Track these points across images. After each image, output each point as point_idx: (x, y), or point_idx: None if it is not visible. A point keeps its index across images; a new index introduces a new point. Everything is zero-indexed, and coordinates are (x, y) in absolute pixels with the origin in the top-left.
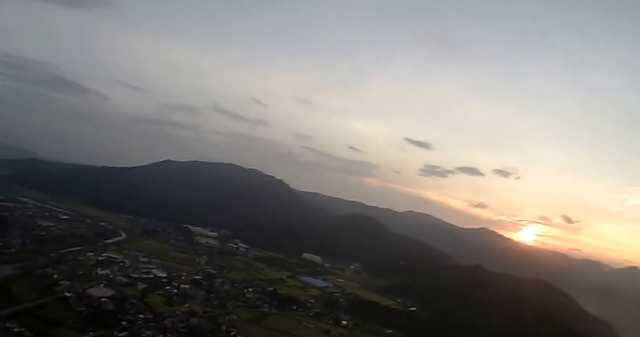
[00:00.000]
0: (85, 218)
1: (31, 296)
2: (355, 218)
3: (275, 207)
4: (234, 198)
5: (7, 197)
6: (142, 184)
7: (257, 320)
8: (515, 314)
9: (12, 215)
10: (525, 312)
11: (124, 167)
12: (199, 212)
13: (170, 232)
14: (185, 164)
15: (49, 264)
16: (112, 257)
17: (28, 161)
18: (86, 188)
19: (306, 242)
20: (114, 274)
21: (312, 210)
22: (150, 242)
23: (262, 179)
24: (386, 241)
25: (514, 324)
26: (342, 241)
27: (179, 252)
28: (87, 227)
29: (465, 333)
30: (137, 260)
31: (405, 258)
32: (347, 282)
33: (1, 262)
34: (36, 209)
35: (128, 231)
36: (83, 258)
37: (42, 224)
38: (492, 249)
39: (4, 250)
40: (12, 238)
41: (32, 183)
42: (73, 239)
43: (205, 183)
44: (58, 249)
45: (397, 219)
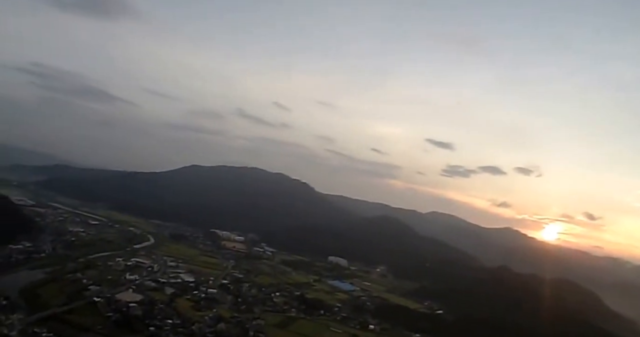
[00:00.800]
0: (114, 223)
1: (60, 301)
2: (381, 220)
3: (301, 211)
4: (259, 202)
5: (38, 202)
6: (169, 189)
7: (285, 325)
8: (543, 315)
9: (43, 220)
10: (552, 312)
11: (152, 172)
12: (226, 216)
13: (198, 237)
14: (211, 169)
15: (78, 269)
16: (141, 262)
17: (59, 167)
18: (115, 193)
19: (332, 245)
20: (143, 279)
21: (337, 213)
22: (178, 246)
23: (287, 182)
24: (411, 243)
25: (542, 325)
26: (368, 243)
27: (207, 256)
28: (116, 233)
29: (493, 336)
30: (165, 265)
31: (430, 260)
32: (374, 286)
33: (32, 267)
34: (67, 215)
35: (156, 236)
36: (112, 263)
37: (73, 229)
38: (517, 249)
39: (35, 255)
40: (43, 243)
41: (63, 189)
42: (102, 245)
43: (231, 187)
44: (87, 255)
45: (422, 220)
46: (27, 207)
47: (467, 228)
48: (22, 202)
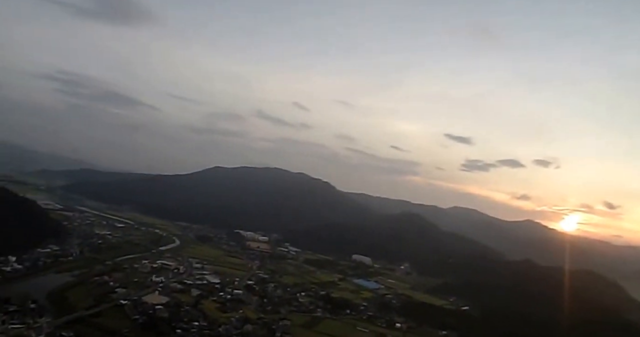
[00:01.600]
0: (140, 226)
1: (87, 304)
2: (403, 217)
3: (323, 210)
4: (282, 202)
5: (66, 206)
6: (193, 191)
7: (311, 325)
8: (569, 307)
9: (70, 224)
10: (578, 304)
11: (176, 175)
12: (249, 216)
13: (222, 238)
14: (233, 170)
15: (105, 271)
16: (167, 264)
17: (85, 172)
18: (141, 196)
19: (355, 244)
20: (169, 280)
21: (359, 211)
22: (203, 248)
23: (309, 182)
24: (434, 239)
25: (569, 318)
26: (391, 240)
27: (232, 257)
28: (142, 235)
29: (521, 330)
30: (190, 266)
31: (454, 256)
32: (398, 283)
33: (59, 271)
34: (94, 218)
35: (181, 238)
36: (138, 265)
37: (99, 232)
38: (538, 242)
39: (62, 258)
40: (70, 247)
41: (90, 192)
42: (129, 247)
43: (253, 188)
44: (114, 257)
45: (443, 215)
46: (54, 211)
47: (488, 222)
48: (50, 206)
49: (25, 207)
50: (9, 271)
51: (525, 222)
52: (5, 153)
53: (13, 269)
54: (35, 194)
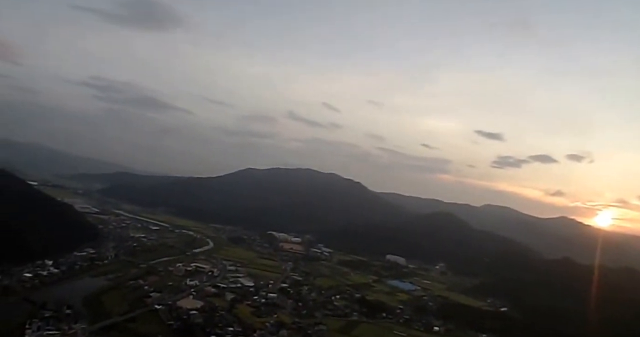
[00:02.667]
0: (174, 228)
1: (122, 309)
2: (436, 216)
3: (355, 210)
4: (314, 202)
5: (102, 210)
6: (226, 193)
7: (347, 330)
8: (612, 306)
9: (106, 227)
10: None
11: (209, 177)
12: (282, 217)
13: (255, 239)
14: (266, 172)
15: (140, 275)
16: (201, 267)
17: (122, 175)
18: (175, 199)
19: (389, 244)
20: (203, 284)
21: (391, 210)
22: (236, 249)
23: (341, 182)
24: (468, 238)
25: (613, 317)
26: (425, 240)
27: (265, 259)
28: (176, 237)
29: (564, 331)
30: (224, 269)
31: (489, 254)
32: (434, 284)
33: (95, 274)
34: (129, 221)
35: (215, 240)
36: (173, 269)
37: (134, 235)
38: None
39: (98, 262)
40: (106, 250)
41: (126, 196)
42: (163, 250)
43: (286, 189)
44: (149, 260)
45: (476, 214)
46: (91, 215)
47: (522, 219)
48: (87, 210)
49: (63, 211)
50: (46, 275)
51: (560, 219)
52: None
53: (50, 273)
54: (73, 198)
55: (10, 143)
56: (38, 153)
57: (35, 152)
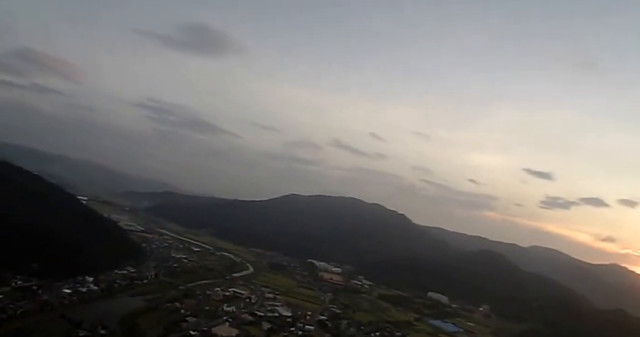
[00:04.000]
0: (216, 250)
1: (157, 333)
2: (481, 254)
3: (398, 243)
4: (356, 232)
5: (147, 228)
6: (269, 217)
7: None
8: None
9: (149, 246)
10: None
11: (253, 201)
12: (323, 245)
13: (296, 267)
14: (309, 198)
15: (177, 298)
16: (239, 292)
17: (169, 194)
18: (219, 220)
19: (431, 280)
20: (240, 311)
21: (435, 245)
22: (276, 276)
23: (384, 213)
24: (514, 279)
25: None
26: (469, 279)
27: (304, 288)
28: (217, 260)
29: None
30: (262, 296)
31: (537, 299)
32: (478, 327)
33: (133, 294)
34: (172, 241)
35: (255, 265)
36: (211, 292)
37: (176, 255)
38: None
39: (138, 281)
40: (147, 269)
41: (171, 215)
42: (203, 272)
43: (328, 217)
44: (188, 282)
45: (523, 254)
46: (135, 233)
47: (571, 264)
48: (132, 228)
49: (108, 228)
50: (85, 292)
51: (611, 266)
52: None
53: (89, 290)
54: (120, 215)
55: (66, 159)
56: (91, 169)
57: (88, 168)
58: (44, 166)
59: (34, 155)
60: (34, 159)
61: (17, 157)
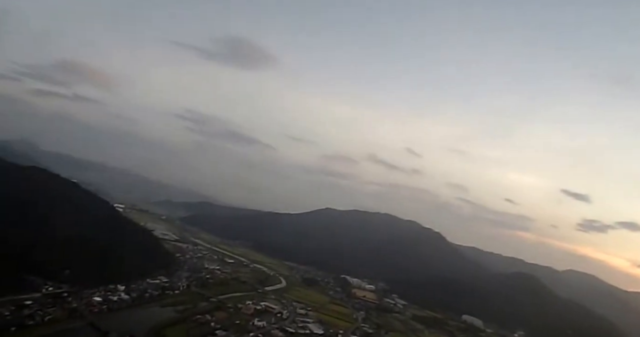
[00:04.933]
0: (249, 262)
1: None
2: (516, 277)
3: (433, 261)
4: (390, 249)
5: (181, 238)
6: (303, 231)
7: None
8: None
9: (183, 256)
10: None
11: (288, 214)
12: (356, 261)
13: (329, 282)
14: (344, 213)
15: (208, 310)
16: (270, 307)
17: (204, 205)
18: (253, 232)
19: (465, 302)
20: (270, 326)
21: (470, 266)
22: (308, 291)
23: (419, 231)
24: (550, 305)
25: None
26: (504, 302)
27: (336, 304)
28: (250, 273)
29: None
30: (294, 312)
31: (572, 327)
32: None
33: (164, 304)
34: (206, 251)
35: (288, 279)
36: (242, 306)
37: (209, 266)
38: None
39: (169, 291)
40: (179, 280)
41: (205, 225)
42: (235, 285)
43: (362, 232)
44: (219, 294)
45: (558, 278)
46: (170, 242)
47: (607, 290)
48: (167, 237)
49: (143, 236)
50: (116, 301)
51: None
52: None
53: (120, 299)
54: (156, 223)
55: (105, 167)
56: (129, 178)
57: (126, 177)
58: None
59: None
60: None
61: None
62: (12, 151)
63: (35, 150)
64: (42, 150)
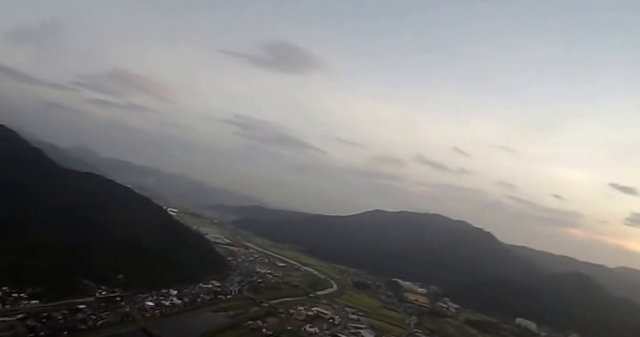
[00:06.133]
0: (300, 266)
1: None
2: (569, 277)
3: (485, 262)
4: (442, 250)
5: (233, 241)
6: (353, 233)
7: None
8: None
9: (235, 259)
10: None
11: (338, 216)
12: (407, 263)
13: (380, 286)
14: (393, 214)
15: (260, 315)
16: (322, 312)
17: (254, 208)
18: (303, 235)
19: (518, 304)
20: (323, 332)
21: (522, 266)
22: (360, 296)
23: (470, 231)
24: (605, 305)
25: None
26: (558, 303)
27: (388, 309)
28: (301, 276)
29: None
30: (346, 317)
31: (631, 328)
32: None
33: (216, 309)
34: (257, 255)
35: (339, 282)
36: (294, 311)
37: (260, 270)
38: None
39: (221, 296)
40: (231, 284)
41: (257, 228)
42: (287, 289)
43: (412, 234)
44: (271, 299)
45: (610, 276)
46: (222, 245)
47: None
48: (219, 240)
49: (195, 240)
50: (168, 306)
51: None
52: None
53: (172, 304)
54: (208, 227)
55: (159, 173)
56: (182, 183)
57: (180, 182)
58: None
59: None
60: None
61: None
62: (71, 158)
63: (93, 157)
64: (100, 156)
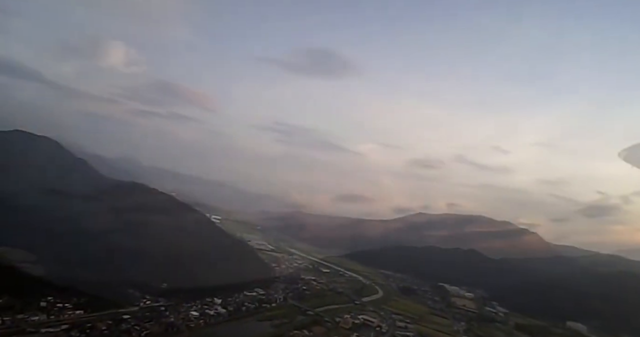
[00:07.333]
0: (344, 271)
1: None
2: (620, 276)
3: (531, 264)
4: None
5: (277, 247)
6: (397, 237)
7: None
8: None
9: (279, 266)
10: None
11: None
12: (451, 266)
13: (426, 291)
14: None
15: (305, 324)
16: (369, 320)
17: (296, 214)
18: (346, 240)
19: (567, 306)
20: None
21: (569, 266)
22: (406, 302)
23: (514, 232)
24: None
25: None
26: (606, 304)
27: (436, 315)
28: (346, 282)
29: None
30: (393, 325)
31: None
32: None
33: (261, 318)
34: (301, 261)
35: (385, 288)
36: (340, 319)
37: (305, 277)
38: None
39: (266, 304)
40: (275, 292)
41: (300, 234)
42: (332, 296)
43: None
44: (316, 307)
45: None
46: (266, 252)
47: None
48: (262, 247)
49: (239, 247)
50: (212, 315)
51: None
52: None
53: (216, 313)
54: (251, 234)
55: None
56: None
57: (223, 189)
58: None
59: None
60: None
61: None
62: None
63: (137, 167)
64: (144, 166)
